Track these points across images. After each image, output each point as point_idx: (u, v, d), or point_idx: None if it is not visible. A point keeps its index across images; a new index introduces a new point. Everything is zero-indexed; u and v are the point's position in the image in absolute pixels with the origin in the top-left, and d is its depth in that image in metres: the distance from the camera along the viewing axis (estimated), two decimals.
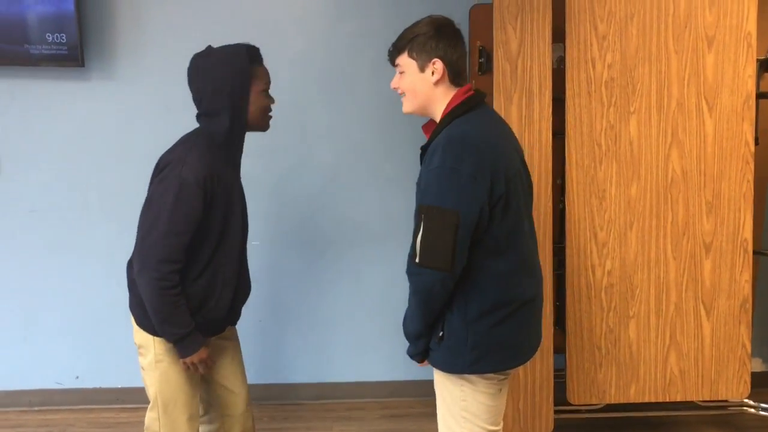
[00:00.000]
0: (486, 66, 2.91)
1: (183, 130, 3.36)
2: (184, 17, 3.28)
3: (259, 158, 3.36)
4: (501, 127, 2.03)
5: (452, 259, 1.84)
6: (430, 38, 1.96)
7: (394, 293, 3.53)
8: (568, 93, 2.70)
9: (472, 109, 1.96)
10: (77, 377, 3.48)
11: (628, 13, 2.67)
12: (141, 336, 2.22)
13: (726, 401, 3.04)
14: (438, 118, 2.00)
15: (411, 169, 3.45)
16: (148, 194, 2.18)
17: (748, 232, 2.77)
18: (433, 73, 1.96)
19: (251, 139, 3.45)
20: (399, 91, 2.04)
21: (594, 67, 2.69)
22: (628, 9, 2.67)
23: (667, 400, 2.85)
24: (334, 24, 3.35)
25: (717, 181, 2.74)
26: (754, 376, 2.98)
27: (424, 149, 2.01)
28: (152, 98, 3.32)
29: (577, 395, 2.82)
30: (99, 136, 3.32)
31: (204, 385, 2.40)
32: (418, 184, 1.94)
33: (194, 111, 3.45)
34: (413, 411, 3.45)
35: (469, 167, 1.83)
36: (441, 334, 1.97)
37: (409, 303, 2.02)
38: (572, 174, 2.72)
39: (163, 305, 2.08)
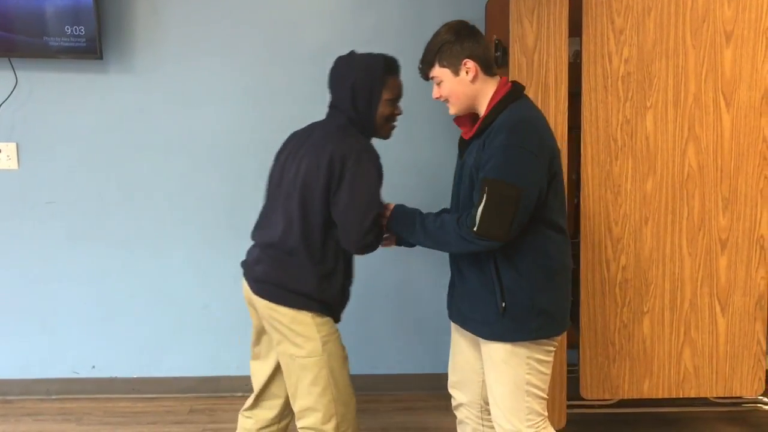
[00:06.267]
0: (502, 60, 2.90)
1: (200, 122, 3.41)
2: (202, 11, 3.30)
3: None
4: (542, 113, 2.21)
5: (508, 230, 1.98)
6: (453, 44, 2.11)
7: (407, 287, 3.55)
8: (584, 87, 2.69)
9: (519, 97, 2.12)
10: (94, 367, 3.52)
11: (646, 7, 2.65)
12: (302, 326, 2.23)
13: (740, 398, 3.03)
14: (482, 110, 2.14)
15: (426, 164, 3.46)
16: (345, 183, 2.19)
17: (764, 229, 2.75)
18: (467, 72, 2.10)
19: (267, 133, 3.48)
20: (442, 99, 2.18)
21: (610, 61, 2.67)
22: (645, 3, 2.65)
23: (681, 396, 2.83)
24: (352, 17, 3.36)
25: (734, 176, 2.72)
26: None
27: (467, 140, 2.19)
28: (169, 91, 3.35)
29: (591, 390, 2.82)
30: (116, 128, 3.35)
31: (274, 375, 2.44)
32: (472, 166, 2.08)
33: (210, 105, 3.49)
34: (427, 404, 3.46)
35: (532, 146, 2.00)
36: (504, 305, 2.07)
37: (445, 240, 2.12)
38: (587, 169, 2.71)
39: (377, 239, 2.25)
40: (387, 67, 2.29)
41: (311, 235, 2.21)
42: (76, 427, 3.22)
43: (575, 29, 2.69)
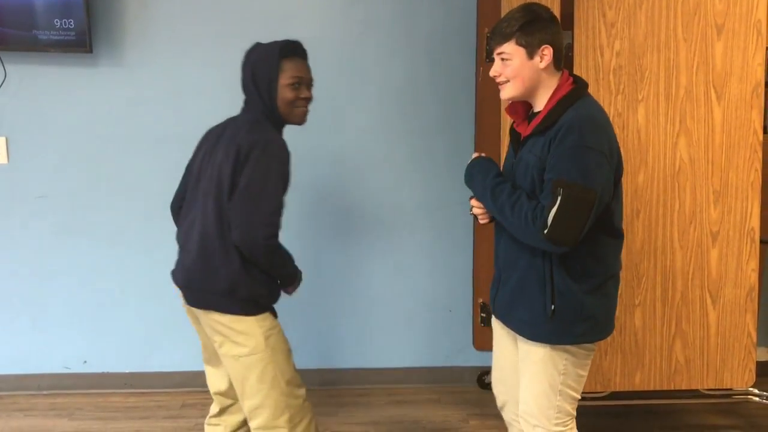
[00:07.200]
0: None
1: (190, 115, 3.39)
2: (191, 4, 3.28)
3: None
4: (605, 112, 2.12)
5: (579, 235, 1.91)
6: (537, 24, 2.00)
7: (400, 281, 3.55)
8: None
9: (585, 95, 2.04)
10: (85, 362, 3.50)
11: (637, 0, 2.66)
12: (242, 324, 2.18)
13: (731, 390, 3.04)
14: (540, 102, 2.05)
15: (419, 157, 3.46)
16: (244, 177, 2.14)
17: (755, 221, 2.76)
18: (541, 59, 2.00)
19: None
20: (499, 78, 2.06)
21: (602, 54, 2.68)
22: None
23: (672, 388, 2.85)
24: (342, 11, 3.35)
25: (725, 169, 2.73)
26: (759, 365, 2.98)
27: (518, 133, 2.11)
28: (160, 84, 3.33)
29: None
30: (107, 121, 3.33)
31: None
32: (534, 166, 1.98)
33: (200, 98, 3.47)
34: (419, 398, 3.47)
35: (603, 146, 1.93)
36: (553, 308, 2.01)
37: (511, 222, 2.00)
38: None
39: (279, 259, 2.23)
40: (282, 51, 2.22)
41: (227, 233, 2.14)
42: (67, 422, 3.21)
43: (567, 22, 2.68)
